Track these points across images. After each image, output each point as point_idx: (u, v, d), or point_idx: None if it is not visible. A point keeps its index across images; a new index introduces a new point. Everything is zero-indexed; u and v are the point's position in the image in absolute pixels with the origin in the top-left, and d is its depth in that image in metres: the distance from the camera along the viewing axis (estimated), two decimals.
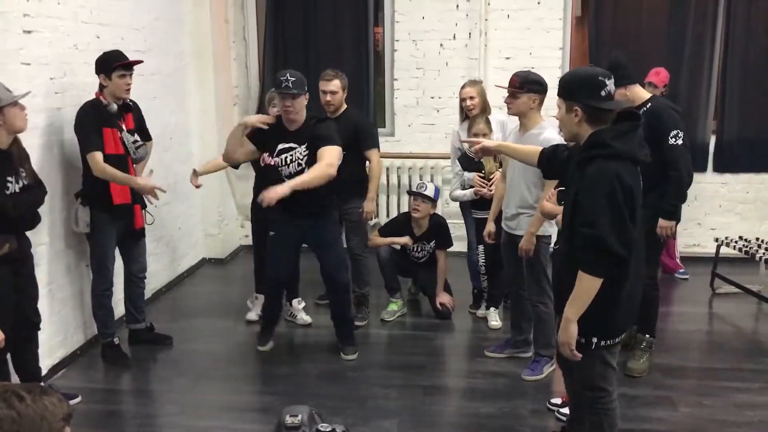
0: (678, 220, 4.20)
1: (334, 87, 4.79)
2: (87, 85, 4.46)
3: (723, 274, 5.70)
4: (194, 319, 5.31)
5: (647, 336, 4.31)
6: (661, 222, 4.08)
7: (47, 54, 4.15)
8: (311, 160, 4.15)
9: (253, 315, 5.20)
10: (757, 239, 5.66)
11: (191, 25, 6.16)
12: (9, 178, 3.44)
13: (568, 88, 2.76)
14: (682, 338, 4.89)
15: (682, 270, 6.18)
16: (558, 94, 2.81)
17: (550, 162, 3.13)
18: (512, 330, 4.56)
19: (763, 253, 5.32)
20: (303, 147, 4.18)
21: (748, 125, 6.48)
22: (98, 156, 4.09)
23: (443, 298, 5.21)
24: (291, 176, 4.14)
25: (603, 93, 2.69)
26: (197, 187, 5.09)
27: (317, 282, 4.97)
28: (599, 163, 2.64)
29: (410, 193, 5.33)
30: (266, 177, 4.44)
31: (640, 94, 4.14)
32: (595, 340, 2.76)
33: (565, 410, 3.71)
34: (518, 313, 4.45)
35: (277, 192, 3.91)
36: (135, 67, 4.36)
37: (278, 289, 4.68)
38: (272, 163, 4.24)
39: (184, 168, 6.12)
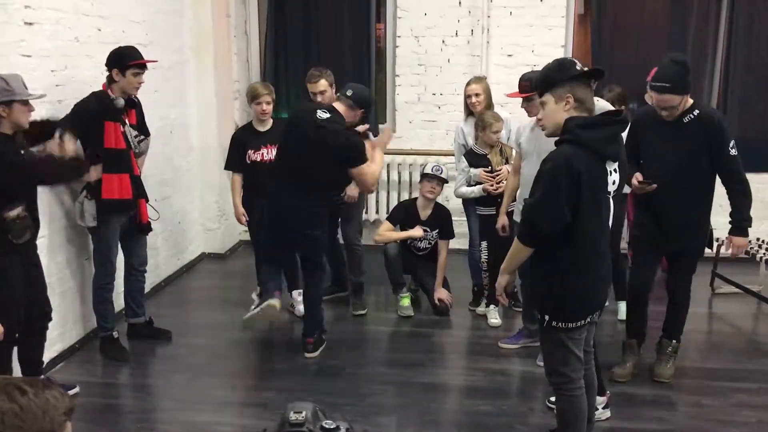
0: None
1: (322, 87, 4.78)
2: (88, 78, 4.44)
3: (723, 274, 5.70)
4: (193, 313, 5.31)
5: (673, 341, 4.20)
6: (737, 240, 3.87)
7: (48, 46, 4.13)
8: None
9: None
10: (758, 239, 5.66)
11: (192, 19, 6.14)
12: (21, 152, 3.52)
13: (547, 79, 2.85)
14: (681, 338, 4.88)
15: None
16: (539, 93, 2.89)
17: None
18: (524, 320, 4.62)
19: (764, 254, 5.31)
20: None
21: (749, 125, 6.48)
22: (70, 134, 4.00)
23: (441, 293, 5.21)
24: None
25: (578, 67, 2.82)
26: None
27: None
28: (560, 146, 2.78)
29: (426, 175, 5.20)
30: (251, 174, 4.89)
31: (689, 100, 3.83)
32: (547, 318, 2.88)
33: None
34: (531, 303, 4.44)
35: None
36: None
37: (275, 258, 4.59)
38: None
39: (184, 162, 6.12)
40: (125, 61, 4.17)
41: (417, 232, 5.20)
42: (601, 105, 3.52)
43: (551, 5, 6.40)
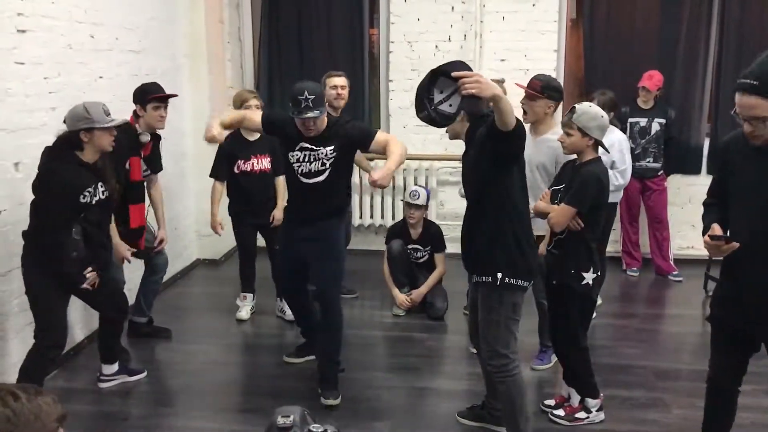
0: None
1: (343, 82, 5.10)
2: (81, 85, 4.46)
3: (716, 277, 5.69)
4: (188, 319, 5.30)
5: None
6: None
7: (41, 54, 4.14)
8: (338, 162, 3.83)
9: (243, 314, 5.22)
10: None
11: (186, 25, 6.15)
12: (88, 189, 3.55)
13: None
14: (675, 340, 4.90)
15: (675, 272, 6.20)
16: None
17: None
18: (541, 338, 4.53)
19: None
20: (329, 149, 3.80)
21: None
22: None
23: (415, 293, 5.28)
24: (309, 174, 3.83)
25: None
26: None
27: None
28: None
29: (404, 203, 5.39)
30: (241, 184, 4.77)
31: None
32: (500, 275, 3.11)
33: (559, 411, 3.74)
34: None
35: (389, 170, 3.58)
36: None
37: (292, 300, 4.38)
38: (290, 160, 3.86)
39: (179, 168, 6.12)
40: (145, 95, 4.25)
41: (401, 298, 5.30)
42: (585, 108, 3.50)
43: (544, 10, 6.43)
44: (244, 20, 6.90)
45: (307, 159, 3.83)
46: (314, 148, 3.82)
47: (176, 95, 4.55)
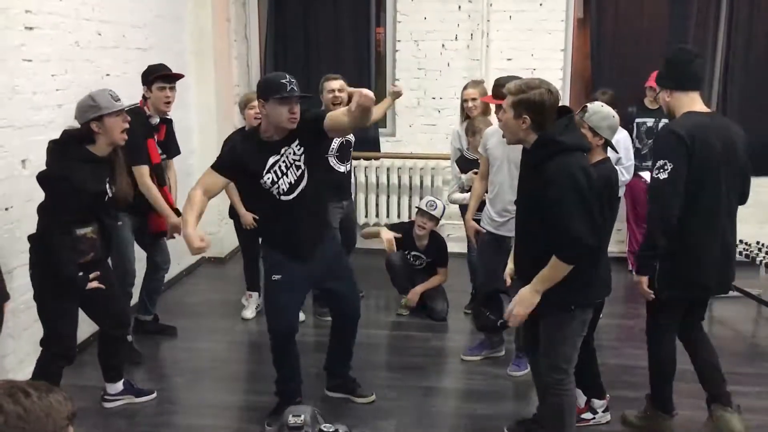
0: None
1: (341, 84, 4.86)
2: (88, 82, 4.45)
3: None
4: (193, 317, 5.31)
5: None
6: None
7: (48, 51, 4.15)
8: (310, 157, 3.48)
9: (248, 313, 5.23)
10: (758, 243, 5.66)
11: (192, 23, 6.16)
12: (107, 185, 3.53)
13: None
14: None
15: None
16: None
17: None
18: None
19: (763, 257, 5.32)
20: (294, 145, 3.45)
21: (749, 129, 6.40)
22: (145, 170, 4.16)
23: (415, 288, 5.25)
24: (291, 188, 3.45)
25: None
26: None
27: None
28: (557, 160, 2.81)
29: (419, 209, 5.27)
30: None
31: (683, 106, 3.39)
32: (573, 307, 3.00)
33: None
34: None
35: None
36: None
37: (288, 343, 3.70)
38: (264, 188, 3.46)
39: (184, 166, 6.11)
40: (149, 75, 4.25)
41: (388, 240, 5.13)
42: (597, 108, 3.48)
43: (551, 9, 6.42)
44: (251, 18, 6.90)
45: (281, 173, 3.44)
46: (281, 152, 3.44)
47: (182, 75, 4.51)
